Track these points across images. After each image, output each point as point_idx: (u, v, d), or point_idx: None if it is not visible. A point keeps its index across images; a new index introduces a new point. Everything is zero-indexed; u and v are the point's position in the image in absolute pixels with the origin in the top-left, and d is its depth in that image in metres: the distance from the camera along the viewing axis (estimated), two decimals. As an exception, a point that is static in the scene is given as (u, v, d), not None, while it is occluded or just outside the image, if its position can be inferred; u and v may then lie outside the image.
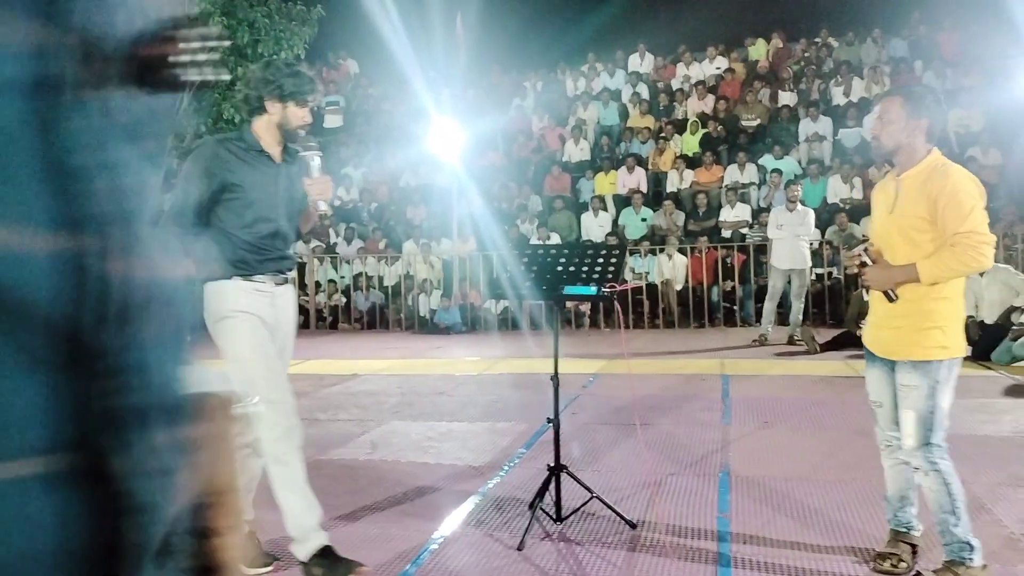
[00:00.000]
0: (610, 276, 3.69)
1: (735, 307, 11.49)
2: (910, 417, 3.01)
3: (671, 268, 11.71)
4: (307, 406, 6.65)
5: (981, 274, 7.99)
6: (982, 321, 8.01)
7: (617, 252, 3.78)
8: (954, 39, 15.09)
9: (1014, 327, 7.75)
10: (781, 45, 16.64)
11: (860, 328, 8.86)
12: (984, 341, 7.64)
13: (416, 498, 4.19)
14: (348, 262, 13.25)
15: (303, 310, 12.85)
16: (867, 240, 3.21)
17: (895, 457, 3.18)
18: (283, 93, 3.15)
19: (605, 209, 13.39)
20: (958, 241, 2.85)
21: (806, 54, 16.35)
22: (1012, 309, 7.92)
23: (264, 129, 3.19)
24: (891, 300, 3.00)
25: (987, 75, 13.21)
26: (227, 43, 14.54)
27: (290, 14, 14.50)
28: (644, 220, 12.96)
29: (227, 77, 15.09)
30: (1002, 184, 11.57)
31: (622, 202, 13.50)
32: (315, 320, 12.76)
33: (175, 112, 0.69)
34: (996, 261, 8.41)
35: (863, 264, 3.13)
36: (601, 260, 3.74)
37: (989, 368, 7.42)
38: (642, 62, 17.18)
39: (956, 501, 2.97)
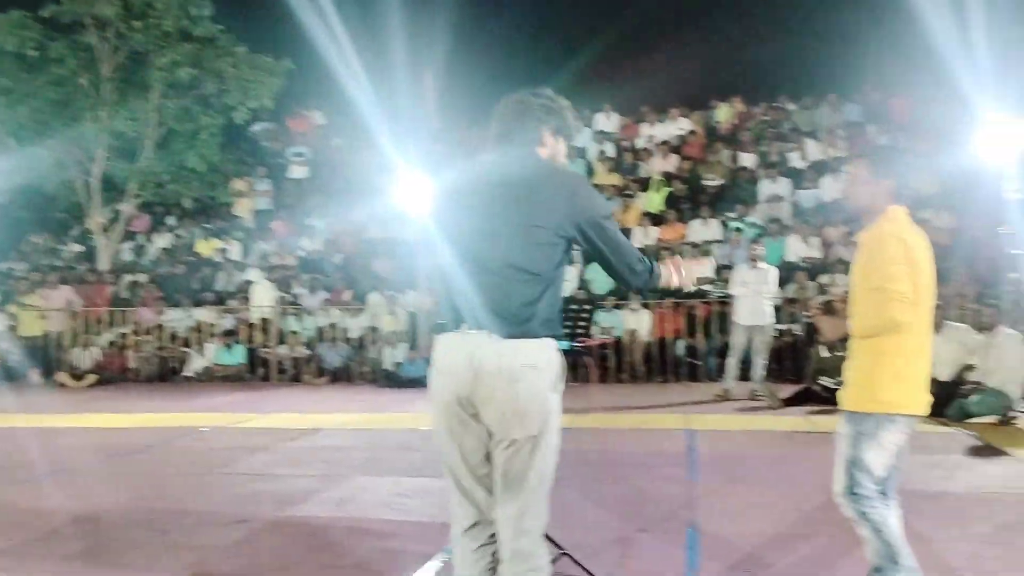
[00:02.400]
0: (581, 331, 3.72)
1: (698, 362, 11.57)
2: (837, 463, 3.08)
3: (635, 323, 11.80)
4: (267, 461, 6.53)
5: (936, 332, 8.20)
6: (936, 379, 8.15)
7: (588, 308, 3.81)
8: (905, 104, 15.65)
9: (966, 385, 7.91)
10: (743, 108, 17.10)
11: (819, 384, 9.00)
12: (939, 398, 7.75)
13: (383, 556, 4.11)
14: (311, 314, 13.14)
15: (264, 362, 12.69)
16: (829, 293, 3.37)
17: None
18: (565, 126, 2.83)
19: (571, 263, 13.49)
20: (873, 297, 2.95)
21: (765, 117, 16.81)
22: (966, 368, 8.09)
23: None
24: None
25: (938, 140, 13.67)
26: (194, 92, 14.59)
27: (258, 65, 14.58)
28: (609, 275, 13.08)
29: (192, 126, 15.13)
30: (954, 246, 11.92)
31: (588, 257, 13.62)
32: (276, 372, 12.58)
33: None
34: (949, 320, 8.65)
35: (822, 312, 3.26)
36: (571, 315, 3.76)
37: (944, 424, 7.54)
38: (608, 121, 17.53)
39: (893, 549, 2.98)
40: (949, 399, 7.80)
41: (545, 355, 2.56)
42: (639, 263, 2.71)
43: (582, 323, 3.75)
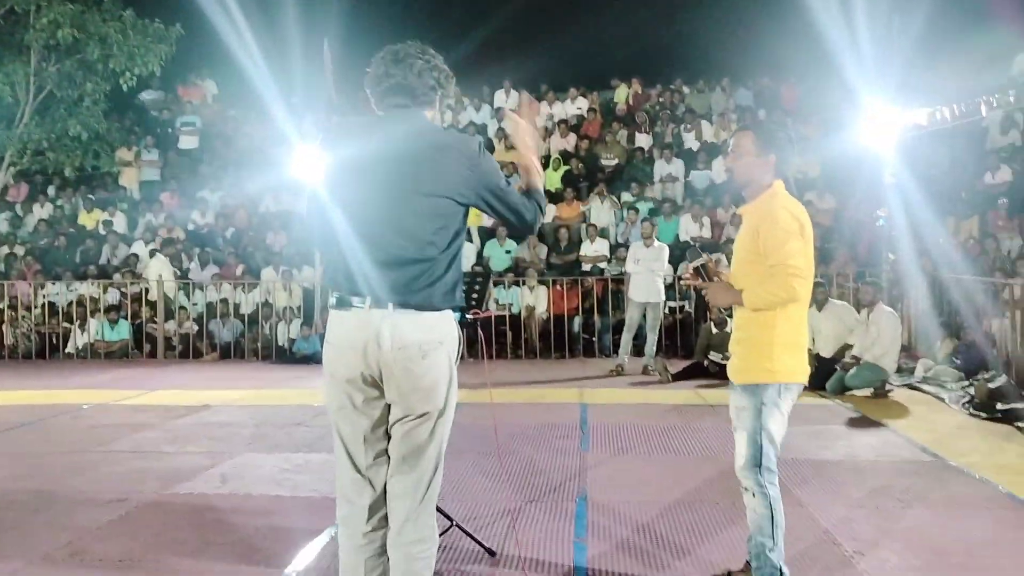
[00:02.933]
0: (474, 303, 3.70)
1: (594, 338, 11.77)
2: (740, 438, 3.11)
3: (533, 299, 11.90)
4: (153, 439, 6.31)
5: (819, 309, 8.58)
6: (818, 354, 8.54)
7: (481, 279, 3.80)
8: (794, 91, 16.25)
9: (845, 360, 8.31)
10: (639, 90, 17.39)
11: (708, 359, 9.30)
12: (819, 372, 8.14)
13: (269, 532, 4.04)
14: (202, 288, 12.71)
15: (151, 338, 12.23)
16: (707, 256, 3.37)
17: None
18: (449, 97, 2.76)
19: (470, 240, 13.47)
20: (771, 272, 2.99)
21: (661, 99, 17.15)
22: (847, 347, 8.47)
23: None
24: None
25: (823, 125, 14.26)
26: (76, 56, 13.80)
27: (146, 30, 13.88)
28: (508, 252, 13.12)
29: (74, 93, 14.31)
30: (835, 227, 12.47)
31: (486, 234, 13.63)
32: (163, 349, 12.14)
33: None
34: (831, 298, 9.06)
35: (700, 276, 3.26)
36: (464, 287, 3.75)
37: (823, 397, 7.92)
38: (507, 98, 17.52)
39: (776, 528, 3.04)
40: (829, 373, 8.19)
41: (448, 328, 2.54)
42: (527, 212, 2.69)
43: (475, 294, 3.73)
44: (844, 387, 8.06)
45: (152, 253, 13.17)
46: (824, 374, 8.15)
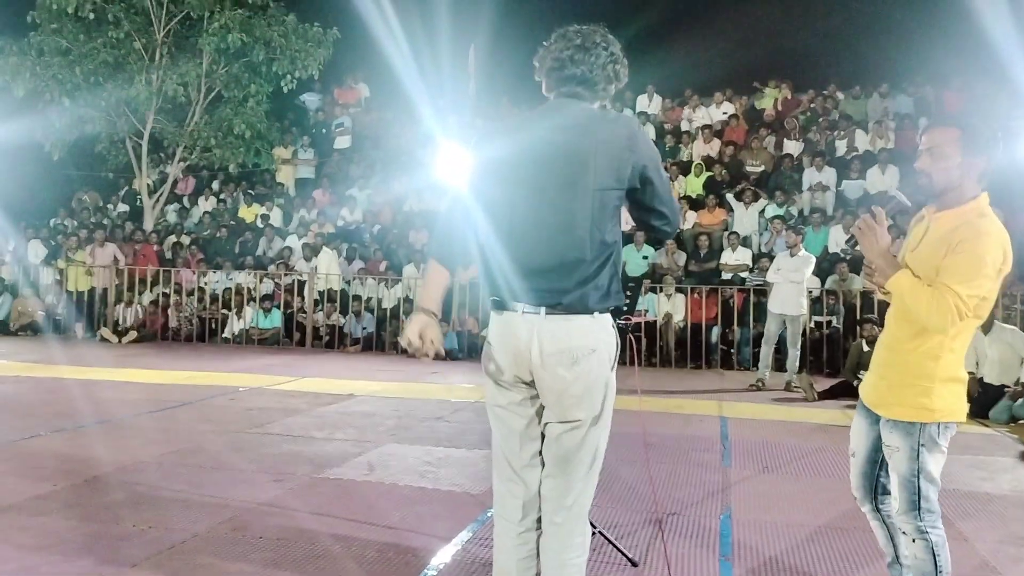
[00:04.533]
0: (625, 308, 3.68)
1: (732, 350, 11.47)
2: (894, 480, 2.79)
3: (671, 307, 11.72)
4: (303, 424, 6.61)
5: (985, 333, 8.00)
6: (982, 379, 8.00)
7: (632, 284, 3.77)
8: (959, 98, 15.26)
9: (1013, 387, 7.74)
10: (790, 95, 16.82)
11: (858, 379, 8.86)
12: (983, 399, 7.63)
13: (415, 522, 4.15)
14: (348, 282, 13.23)
15: (300, 327, 12.83)
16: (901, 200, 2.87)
17: (867, 511, 3.02)
18: (620, 86, 2.67)
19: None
20: (942, 290, 2.56)
21: (812, 105, 16.52)
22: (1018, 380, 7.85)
23: None
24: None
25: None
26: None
27: (306, 35, 14.63)
28: (646, 258, 12.99)
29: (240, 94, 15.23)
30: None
31: (625, 239, 13.48)
32: (311, 338, 12.71)
33: None
34: (997, 320, 8.46)
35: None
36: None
37: (987, 426, 7.41)
38: (650, 103, 17.34)
39: (940, 573, 2.73)
40: (994, 400, 7.66)
41: (603, 334, 2.46)
42: (676, 211, 2.63)
43: (628, 298, 3.71)
44: (1012, 417, 7.51)
45: (319, 248, 13.69)
46: (989, 401, 7.63)
